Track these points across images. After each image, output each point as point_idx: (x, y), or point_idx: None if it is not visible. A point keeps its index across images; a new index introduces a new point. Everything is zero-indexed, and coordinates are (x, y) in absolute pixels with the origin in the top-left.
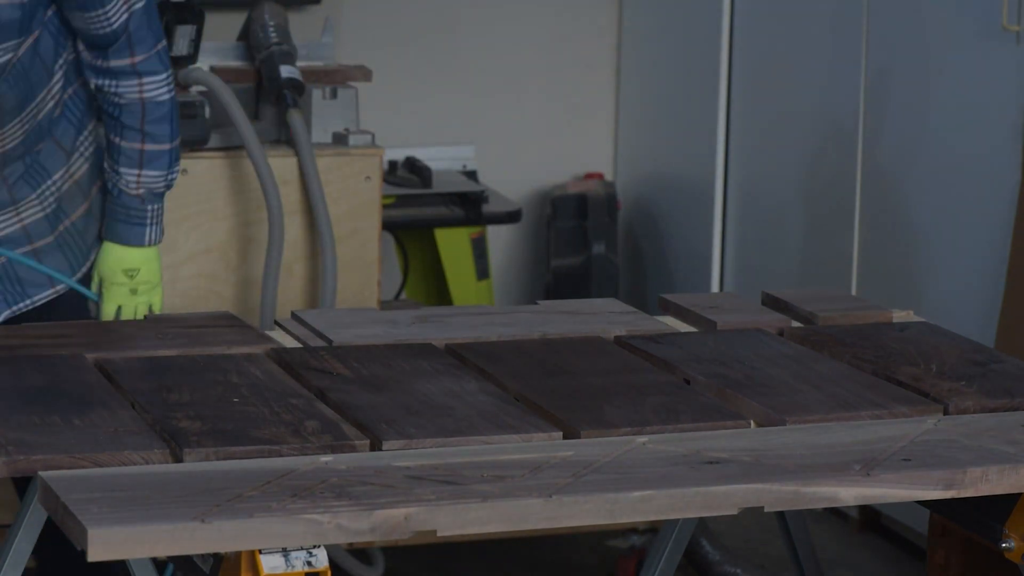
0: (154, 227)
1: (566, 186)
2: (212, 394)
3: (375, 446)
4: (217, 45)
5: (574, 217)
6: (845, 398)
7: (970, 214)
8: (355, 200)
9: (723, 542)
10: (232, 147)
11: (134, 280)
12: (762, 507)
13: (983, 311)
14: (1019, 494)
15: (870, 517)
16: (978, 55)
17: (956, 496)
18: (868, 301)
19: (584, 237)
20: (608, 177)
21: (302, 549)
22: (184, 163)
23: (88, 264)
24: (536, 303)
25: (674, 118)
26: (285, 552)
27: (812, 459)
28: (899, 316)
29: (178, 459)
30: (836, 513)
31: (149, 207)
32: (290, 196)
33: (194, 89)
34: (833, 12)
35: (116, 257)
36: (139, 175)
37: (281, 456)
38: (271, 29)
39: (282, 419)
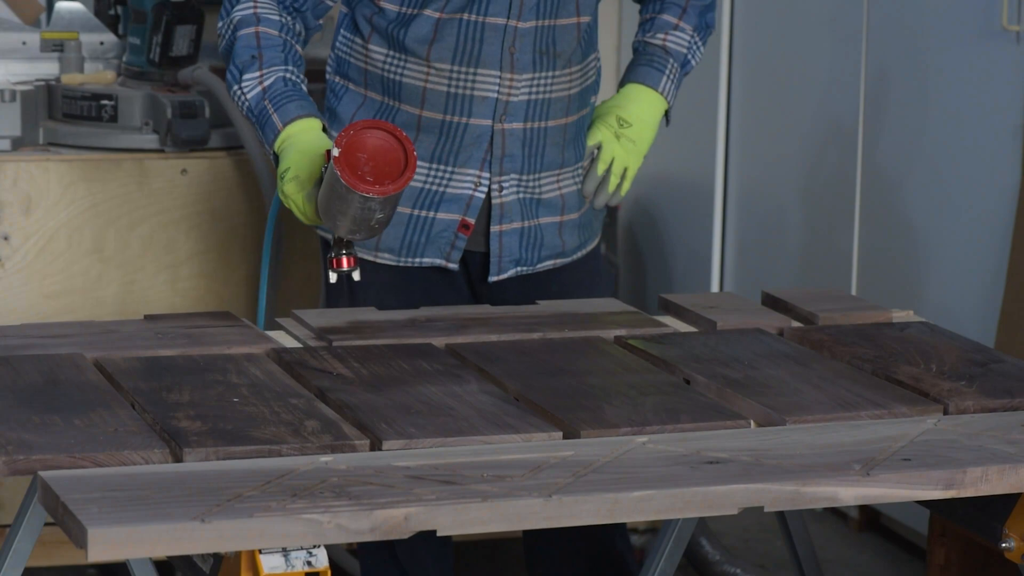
0: (669, 81)
1: None
2: (212, 394)
3: (375, 446)
4: (217, 45)
5: None
6: (845, 398)
7: (970, 214)
8: None
9: (723, 542)
10: (232, 147)
11: (623, 129)
12: (762, 507)
13: (983, 311)
14: (1019, 494)
15: (870, 517)
16: (978, 55)
17: (956, 496)
18: (868, 301)
19: None
20: None
21: (302, 549)
22: (184, 163)
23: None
24: (536, 303)
25: (674, 118)
26: (285, 552)
27: (812, 459)
28: (899, 316)
29: (178, 459)
30: (836, 513)
31: (670, 62)
32: None
33: (194, 89)
34: (833, 12)
35: (628, 97)
36: (665, 37)
37: (281, 456)
38: None
39: (282, 419)
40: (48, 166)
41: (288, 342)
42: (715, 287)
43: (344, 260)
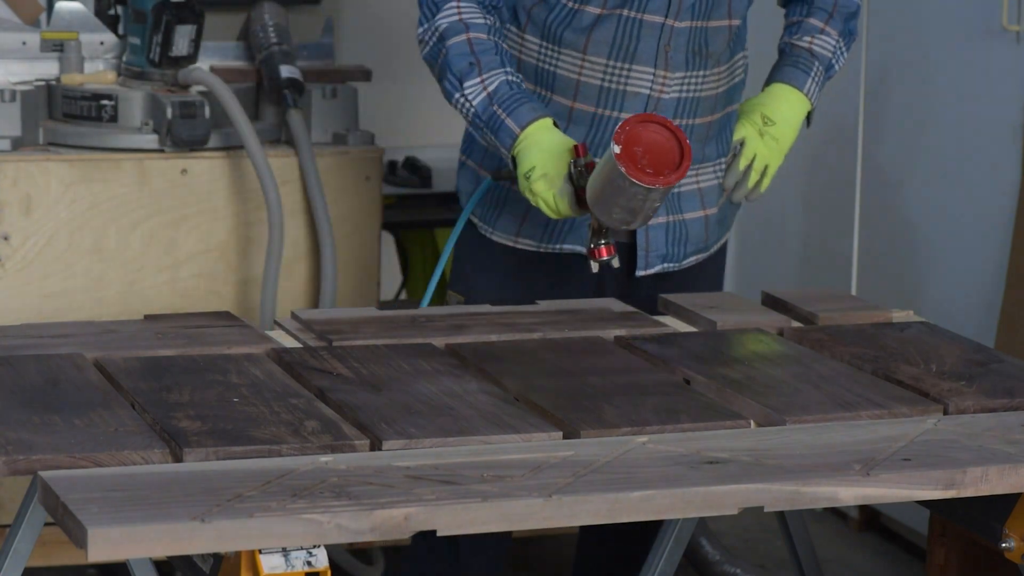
0: (813, 83)
1: None
2: (212, 394)
3: (375, 446)
4: (217, 45)
5: None
6: (845, 398)
7: (970, 214)
8: (355, 200)
9: (723, 542)
10: (232, 147)
11: (767, 127)
12: (762, 507)
13: (983, 311)
14: (1019, 494)
15: (870, 517)
16: (978, 55)
17: (956, 496)
18: (868, 301)
19: None
20: None
21: (302, 549)
22: (184, 163)
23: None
24: (536, 303)
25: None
26: (285, 552)
27: (812, 459)
28: (899, 316)
29: (178, 459)
30: (836, 513)
31: (816, 64)
32: (290, 196)
33: (194, 89)
34: None
35: (773, 96)
36: (811, 40)
37: (281, 456)
38: (271, 29)
39: (282, 419)
40: (48, 166)
41: (288, 342)
42: None
43: (603, 249)
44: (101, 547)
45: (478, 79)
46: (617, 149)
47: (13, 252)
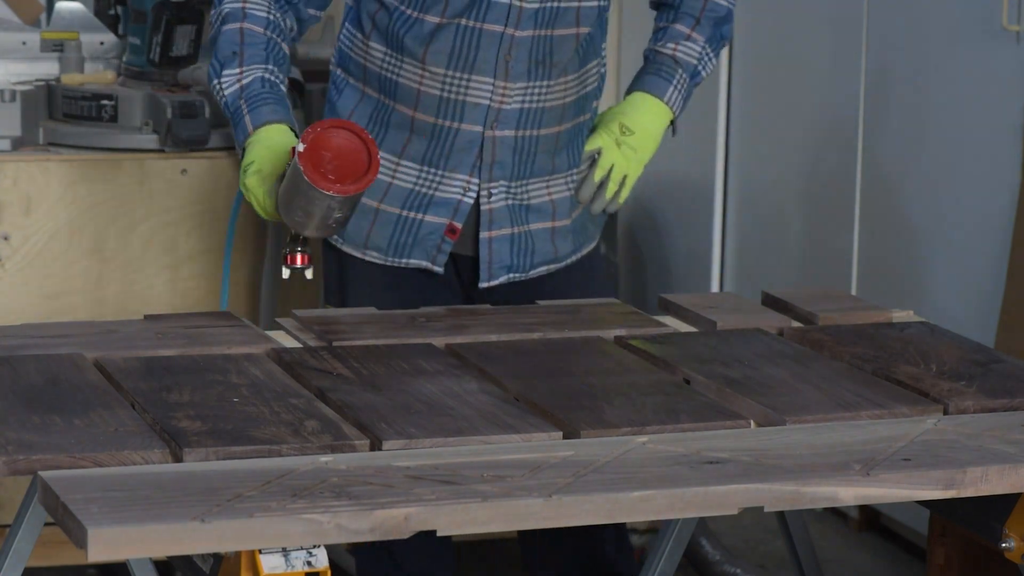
0: (676, 91)
1: None
2: (212, 394)
3: (375, 446)
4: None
5: None
6: (845, 398)
7: (970, 214)
8: None
9: (723, 542)
10: (232, 147)
11: (625, 136)
12: (762, 507)
13: (983, 311)
14: (1019, 494)
15: (870, 517)
16: (978, 55)
17: (956, 496)
18: (868, 301)
19: None
20: None
21: (302, 549)
22: (184, 163)
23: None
24: (536, 303)
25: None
26: (285, 552)
27: (812, 459)
28: (899, 316)
29: (178, 459)
30: (836, 513)
31: (679, 72)
32: None
33: (194, 89)
34: (833, 12)
35: (633, 105)
36: (675, 47)
37: (281, 456)
38: None
39: (282, 419)
40: (48, 166)
41: (288, 342)
42: (715, 287)
43: (298, 257)
44: (101, 547)
45: (237, 70)
46: (301, 148)
47: (13, 252)
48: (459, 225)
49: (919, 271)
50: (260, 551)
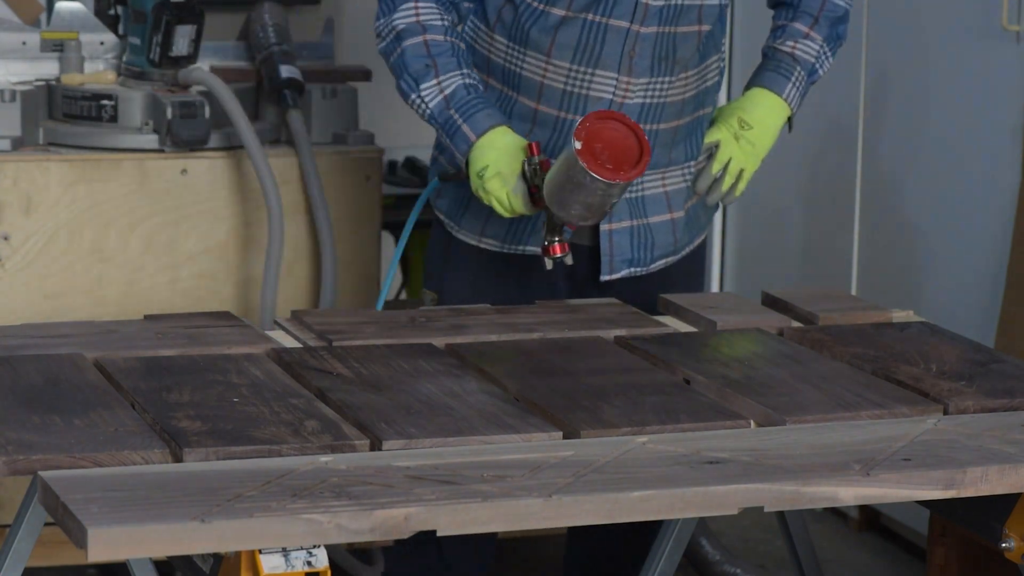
0: (794, 88)
1: None
2: (212, 394)
3: (375, 446)
4: (217, 45)
5: None
6: (845, 398)
7: (970, 214)
8: (355, 200)
9: (723, 542)
10: (232, 147)
11: (743, 131)
12: (762, 507)
13: (983, 311)
14: (1019, 494)
15: (870, 517)
16: (978, 55)
17: (956, 496)
18: (868, 301)
19: None
20: None
21: (302, 549)
22: (184, 163)
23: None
24: (535, 303)
25: None
26: (285, 552)
27: (812, 459)
28: (899, 316)
29: (178, 459)
30: (836, 513)
31: (797, 69)
32: (290, 196)
33: (194, 89)
34: None
35: (752, 101)
36: (794, 45)
37: (281, 456)
38: (271, 29)
39: (282, 419)
40: (48, 166)
41: (288, 342)
42: (715, 287)
43: (558, 247)
44: (101, 547)
45: (434, 81)
46: (578, 145)
47: (13, 252)
48: None
49: (919, 271)
50: (260, 551)
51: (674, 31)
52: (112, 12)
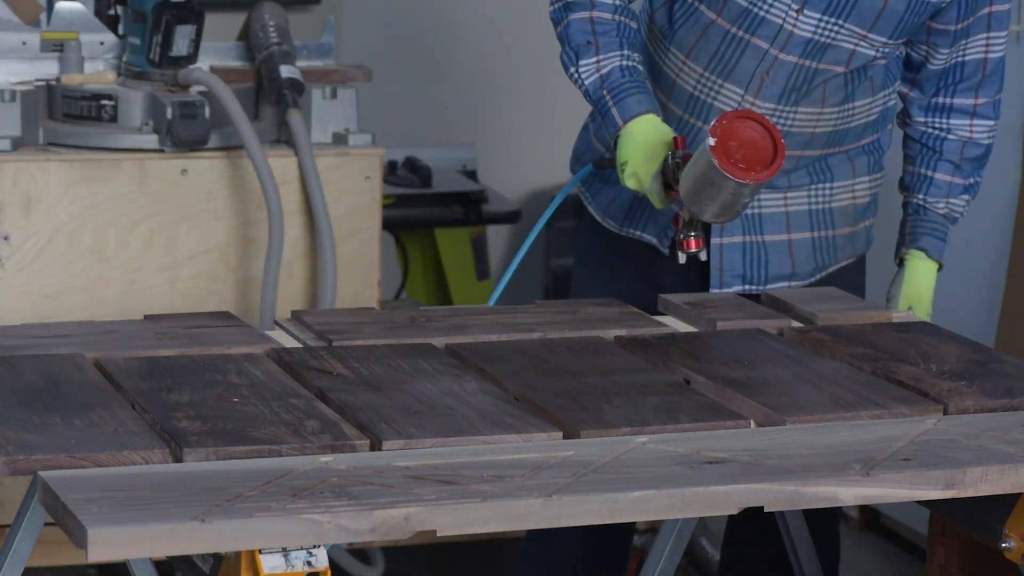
0: (945, 245)
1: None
2: (212, 394)
3: (375, 446)
4: (217, 45)
5: (574, 217)
6: (845, 398)
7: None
8: (355, 200)
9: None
10: (232, 147)
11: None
12: (762, 507)
13: (983, 311)
14: (1019, 494)
15: (870, 517)
16: None
17: (956, 496)
18: (868, 301)
19: None
20: None
21: (302, 549)
22: (184, 163)
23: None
24: (535, 303)
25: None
26: (285, 552)
27: (812, 459)
28: (899, 316)
29: (178, 459)
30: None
31: (948, 227)
32: (290, 196)
33: (194, 89)
34: None
35: (917, 278)
36: (947, 203)
37: (281, 456)
38: (271, 29)
39: (282, 419)
40: (48, 166)
41: (288, 342)
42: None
43: (692, 242)
44: (101, 547)
45: (593, 59)
46: (712, 142)
47: (13, 252)
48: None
49: None
50: (260, 551)
51: (815, 66)
52: (112, 12)
